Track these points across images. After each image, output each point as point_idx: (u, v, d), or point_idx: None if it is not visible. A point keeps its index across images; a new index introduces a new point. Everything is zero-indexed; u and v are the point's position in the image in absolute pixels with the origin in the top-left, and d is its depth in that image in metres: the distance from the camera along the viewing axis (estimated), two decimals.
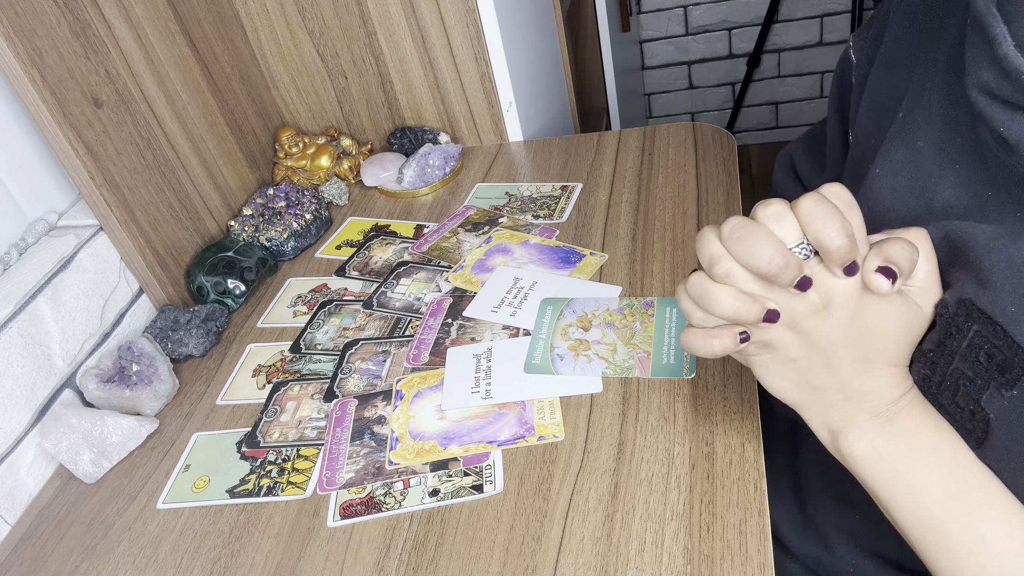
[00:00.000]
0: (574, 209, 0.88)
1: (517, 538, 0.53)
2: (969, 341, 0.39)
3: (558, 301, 0.73)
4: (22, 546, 0.64)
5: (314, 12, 0.99)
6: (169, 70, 0.86)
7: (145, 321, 0.83)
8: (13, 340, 0.68)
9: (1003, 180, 0.39)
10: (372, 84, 1.04)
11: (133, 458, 0.69)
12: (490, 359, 0.69)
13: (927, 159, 0.43)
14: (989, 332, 0.38)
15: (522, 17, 1.08)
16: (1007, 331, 0.37)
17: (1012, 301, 0.37)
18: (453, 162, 0.99)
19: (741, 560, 0.48)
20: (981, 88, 0.38)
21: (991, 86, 0.37)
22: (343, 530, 0.57)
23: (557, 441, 0.60)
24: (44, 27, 0.71)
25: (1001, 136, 0.37)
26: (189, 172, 0.88)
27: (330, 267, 0.89)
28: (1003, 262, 0.38)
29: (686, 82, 2.34)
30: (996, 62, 0.36)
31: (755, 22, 2.17)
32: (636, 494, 0.54)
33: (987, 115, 0.38)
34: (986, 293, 0.38)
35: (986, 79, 0.37)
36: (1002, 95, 0.37)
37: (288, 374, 0.74)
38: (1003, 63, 0.36)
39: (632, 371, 0.64)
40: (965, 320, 0.39)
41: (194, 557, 0.58)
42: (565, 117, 1.30)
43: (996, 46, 0.36)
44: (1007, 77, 0.36)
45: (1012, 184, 0.39)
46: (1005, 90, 0.36)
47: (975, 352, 0.39)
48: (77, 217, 0.80)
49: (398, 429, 0.64)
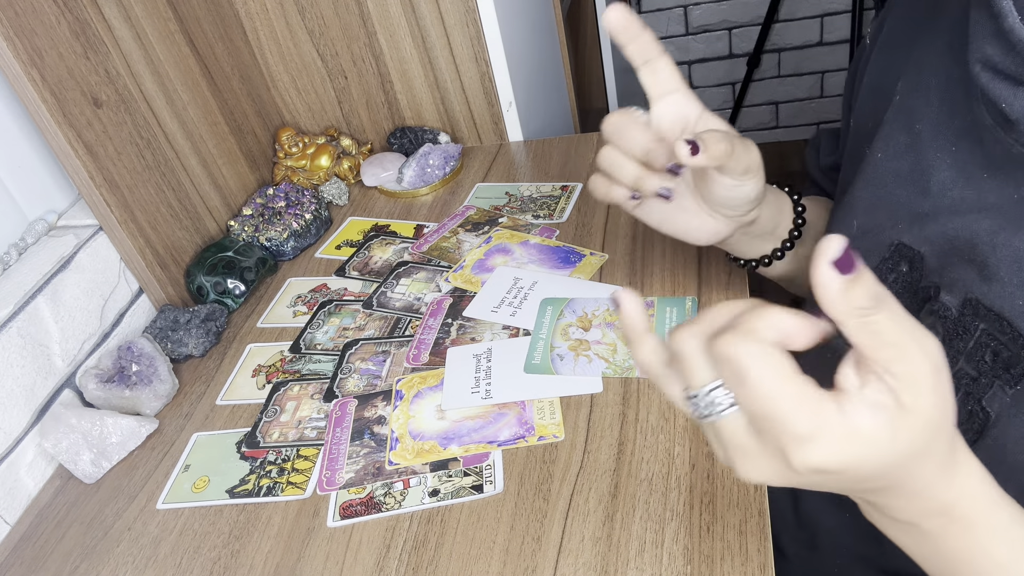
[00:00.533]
0: (574, 209, 0.87)
1: (517, 538, 0.53)
2: (976, 340, 0.39)
3: (558, 301, 0.73)
4: (22, 546, 0.64)
5: (314, 12, 0.99)
6: (169, 70, 0.86)
7: (145, 321, 0.83)
8: (13, 340, 0.68)
9: (1000, 161, 0.39)
10: (372, 84, 1.04)
11: (133, 458, 0.69)
12: (490, 359, 0.69)
13: (925, 142, 0.43)
14: (996, 329, 0.38)
15: (522, 17, 1.08)
16: (1014, 325, 0.37)
17: (1021, 294, 0.37)
18: (453, 162, 0.99)
19: (741, 560, 0.48)
20: (985, 63, 0.37)
21: (995, 60, 0.37)
22: (343, 530, 0.57)
23: (557, 441, 0.60)
24: (44, 27, 0.71)
25: (1002, 112, 0.37)
26: (189, 172, 0.88)
27: (330, 267, 0.89)
28: (1009, 256, 0.38)
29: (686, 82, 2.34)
30: (1001, 35, 0.36)
31: (755, 22, 2.17)
32: (636, 494, 0.54)
33: (989, 90, 0.37)
34: (993, 288, 0.38)
35: (990, 53, 0.37)
36: (1005, 70, 0.36)
37: (288, 374, 0.74)
38: (1009, 36, 0.36)
39: (632, 371, 0.64)
40: (972, 319, 0.39)
41: (194, 557, 0.58)
42: (565, 117, 1.30)
43: (1003, 19, 0.36)
44: (1012, 50, 0.36)
45: (1010, 165, 0.38)
46: (1009, 65, 0.36)
47: (981, 351, 0.39)
48: (77, 217, 0.80)
49: (398, 429, 0.64)
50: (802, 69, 2.23)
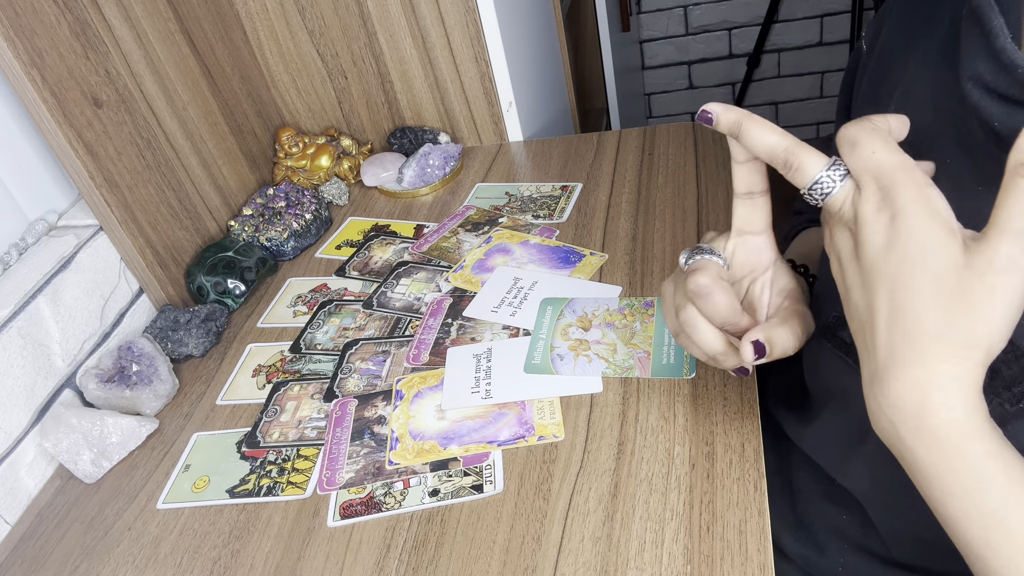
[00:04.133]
0: (574, 209, 0.88)
1: (517, 538, 0.53)
2: None
3: (558, 301, 0.73)
4: (22, 546, 0.64)
5: (314, 12, 0.99)
6: (169, 70, 0.86)
7: (145, 321, 0.83)
8: (13, 340, 0.68)
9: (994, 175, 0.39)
10: (372, 84, 1.04)
11: (133, 458, 0.69)
12: (490, 359, 0.69)
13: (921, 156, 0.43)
14: None
15: (522, 17, 1.08)
16: (1016, 344, 0.37)
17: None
18: (453, 162, 0.99)
19: (741, 560, 0.48)
20: (976, 80, 0.37)
21: (986, 79, 0.37)
22: (343, 530, 0.57)
23: (557, 441, 0.60)
24: (44, 27, 0.71)
25: (994, 130, 0.37)
26: (189, 172, 0.88)
27: (330, 267, 0.89)
28: None
29: (686, 82, 2.34)
30: (993, 55, 0.36)
31: (755, 22, 2.17)
32: (636, 494, 0.54)
33: (981, 109, 0.37)
34: None
35: (981, 71, 0.37)
36: (997, 89, 0.36)
37: (288, 374, 0.74)
38: (1000, 56, 0.36)
39: (632, 371, 0.64)
40: None
41: (194, 557, 0.58)
42: (565, 117, 1.30)
43: (994, 38, 0.36)
44: (1004, 70, 0.36)
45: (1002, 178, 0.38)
46: (1001, 83, 0.36)
47: None
48: (77, 217, 0.80)
49: (398, 429, 0.64)
50: (802, 69, 2.24)
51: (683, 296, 0.48)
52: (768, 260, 0.49)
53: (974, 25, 0.38)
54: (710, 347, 0.48)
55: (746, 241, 0.48)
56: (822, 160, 0.38)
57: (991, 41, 0.36)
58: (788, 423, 0.62)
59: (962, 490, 0.34)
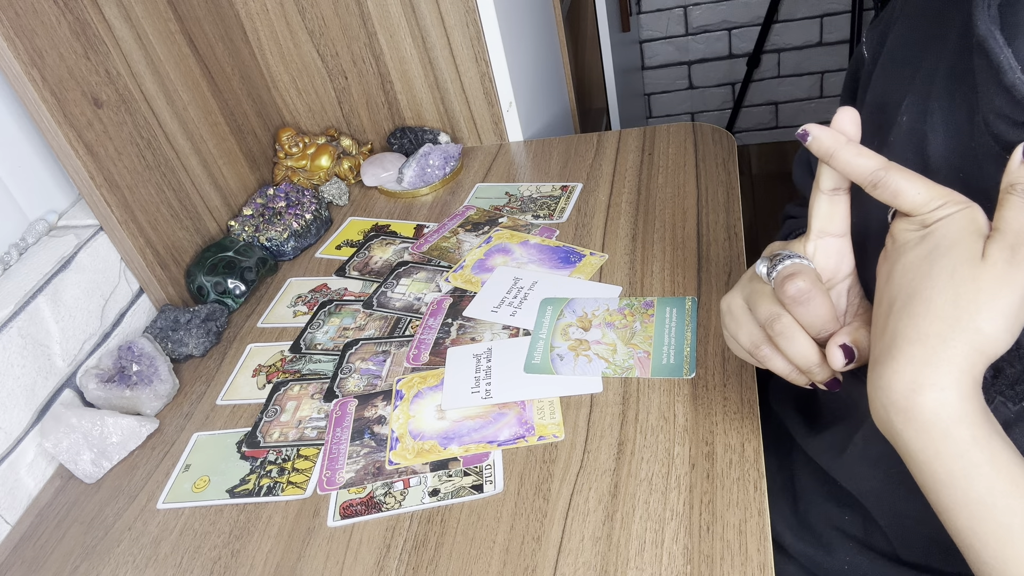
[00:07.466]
0: (574, 209, 0.88)
1: (517, 538, 0.53)
2: None
3: (558, 301, 0.73)
4: (22, 546, 0.64)
5: (314, 12, 0.99)
6: (169, 70, 0.86)
7: (145, 321, 0.83)
8: (13, 340, 0.68)
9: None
10: (372, 84, 1.04)
11: (133, 458, 0.69)
12: (490, 359, 0.69)
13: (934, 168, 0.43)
14: None
15: (522, 17, 1.08)
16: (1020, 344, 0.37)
17: None
18: (453, 162, 0.99)
19: (741, 560, 0.48)
20: (996, 113, 0.37)
21: (1005, 111, 0.37)
22: (343, 530, 0.58)
23: (557, 441, 0.60)
24: (44, 27, 0.71)
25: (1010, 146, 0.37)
26: (189, 172, 0.88)
27: (330, 267, 0.89)
28: None
29: (686, 82, 2.34)
30: (1005, 90, 0.36)
31: (755, 22, 2.17)
32: (636, 494, 0.54)
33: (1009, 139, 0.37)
34: None
35: (999, 105, 0.37)
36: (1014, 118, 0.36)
37: (288, 374, 0.74)
38: (1012, 91, 0.36)
39: (632, 371, 0.64)
40: None
41: (194, 557, 0.58)
42: (565, 117, 1.30)
43: (1003, 74, 0.36)
44: (1018, 105, 0.36)
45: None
46: (1018, 114, 0.36)
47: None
48: (77, 217, 0.80)
49: (398, 429, 0.64)
50: (802, 69, 2.23)
51: (772, 304, 0.44)
52: (849, 266, 0.45)
53: (982, 56, 0.38)
54: (806, 358, 0.44)
55: (827, 244, 0.45)
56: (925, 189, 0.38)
57: (1001, 76, 0.36)
58: (793, 424, 0.62)
59: (948, 477, 0.34)
